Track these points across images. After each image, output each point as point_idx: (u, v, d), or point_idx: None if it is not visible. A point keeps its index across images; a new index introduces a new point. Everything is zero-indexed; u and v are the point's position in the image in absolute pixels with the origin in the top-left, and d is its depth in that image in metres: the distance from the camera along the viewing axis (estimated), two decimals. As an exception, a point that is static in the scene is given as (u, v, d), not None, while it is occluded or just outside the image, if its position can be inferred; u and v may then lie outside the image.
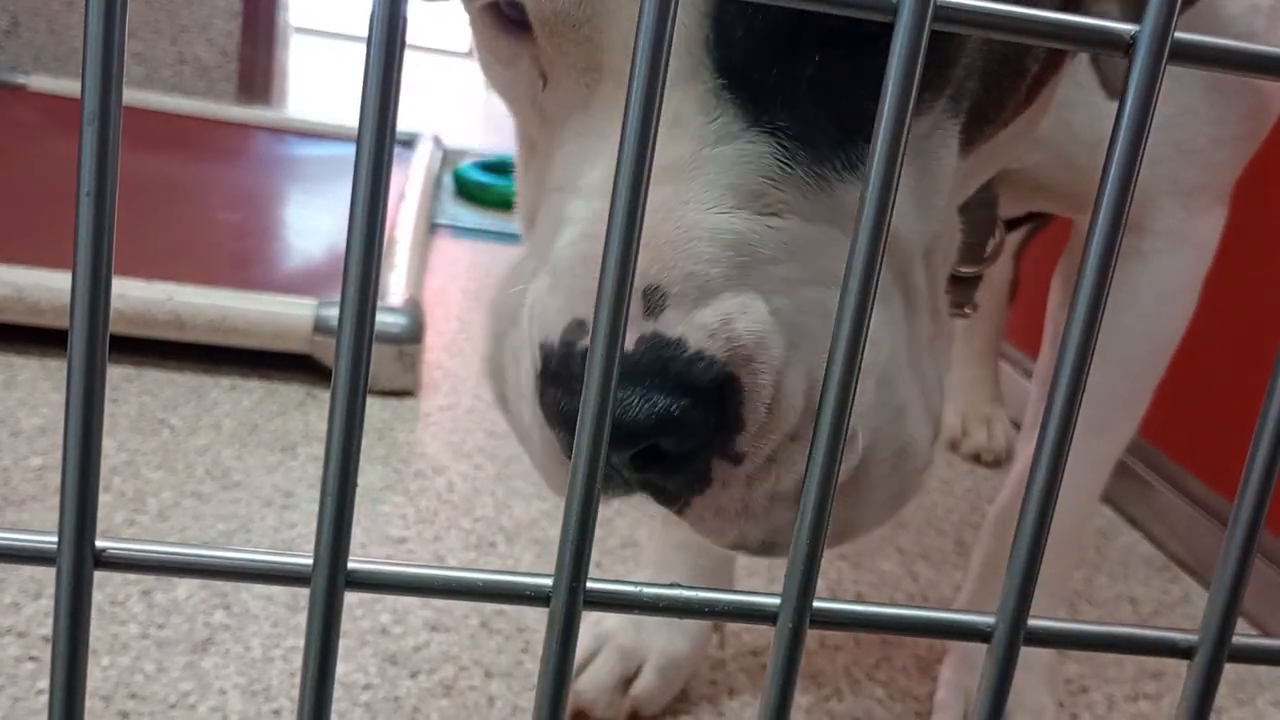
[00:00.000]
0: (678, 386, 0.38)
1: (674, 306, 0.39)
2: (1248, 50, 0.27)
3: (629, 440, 0.38)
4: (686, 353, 0.38)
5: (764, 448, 0.40)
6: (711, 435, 0.40)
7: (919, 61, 0.25)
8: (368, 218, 0.25)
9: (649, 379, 0.38)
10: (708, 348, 0.39)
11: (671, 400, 0.38)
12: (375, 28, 0.24)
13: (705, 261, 0.39)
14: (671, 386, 0.38)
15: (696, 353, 0.39)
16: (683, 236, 0.39)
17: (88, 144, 0.23)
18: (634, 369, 0.38)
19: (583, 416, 0.26)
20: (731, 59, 0.40)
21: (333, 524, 0.26)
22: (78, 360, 0.24)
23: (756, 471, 0.41)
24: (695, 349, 0.39)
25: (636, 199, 0.25)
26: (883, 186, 0.25)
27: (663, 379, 0.38)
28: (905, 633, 0.30)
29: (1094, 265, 0.27)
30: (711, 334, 0.39)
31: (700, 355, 0.39)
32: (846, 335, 0.26)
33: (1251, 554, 0.29)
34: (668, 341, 0.39)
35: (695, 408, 0.38)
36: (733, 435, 0.40)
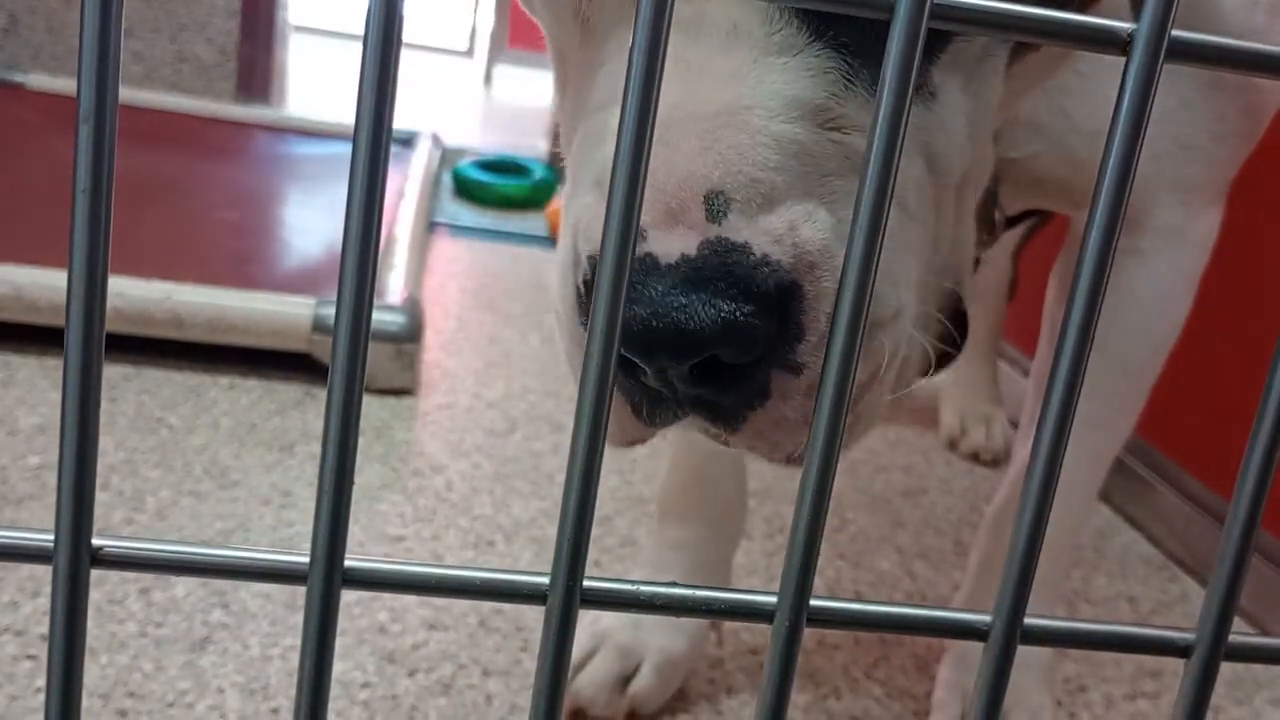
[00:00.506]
0: (743, 292, 0.37)
1: (738, 212, 0.38)
2: (1245, 48, 0.27)
3: (693, 348, 0.37)
4: (751, 258, 0.37)
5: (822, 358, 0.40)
6: (774, 346, 0.38)
7: (916, 59, 0.25)
8: (364, 216, 0.25)
9: (714, 284, 0.37)
10: (773, 253, 0.38)
11: (736, 306, 0.37)
12: (372, 26, 0.24)
13: (771, 169, 0.38)
14: (737, 292, 0.37)
15: (762, 258, 0.38)
16: (748, 142, 0.38)
17: (83, 141, 0.23)
18: (698, 274, 0.37)
19: (581, 414, 0.26)
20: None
21: (329, 522, 0.26)
22: (74, 357, 0.24)
23: (814, 383, 0.39)
24: (760, 254, 0.38)
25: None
26: (881, 183, 0.25)
27: (728, 284, 0.37)
28: (902, 631, 0.30)
29: (1091, 263, 0.27)
30: (777, 240, 0.38)
31: (766, 260, 0.38)
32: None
33: (1248, 553, 0.29)
34: (733, 246, 0.37)
35: (759, 315, 0.37)
36: (794, 344, 0.39)
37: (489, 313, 1.69)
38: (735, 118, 0.38)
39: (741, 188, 0.38)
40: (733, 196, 0.38)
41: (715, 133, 0.38)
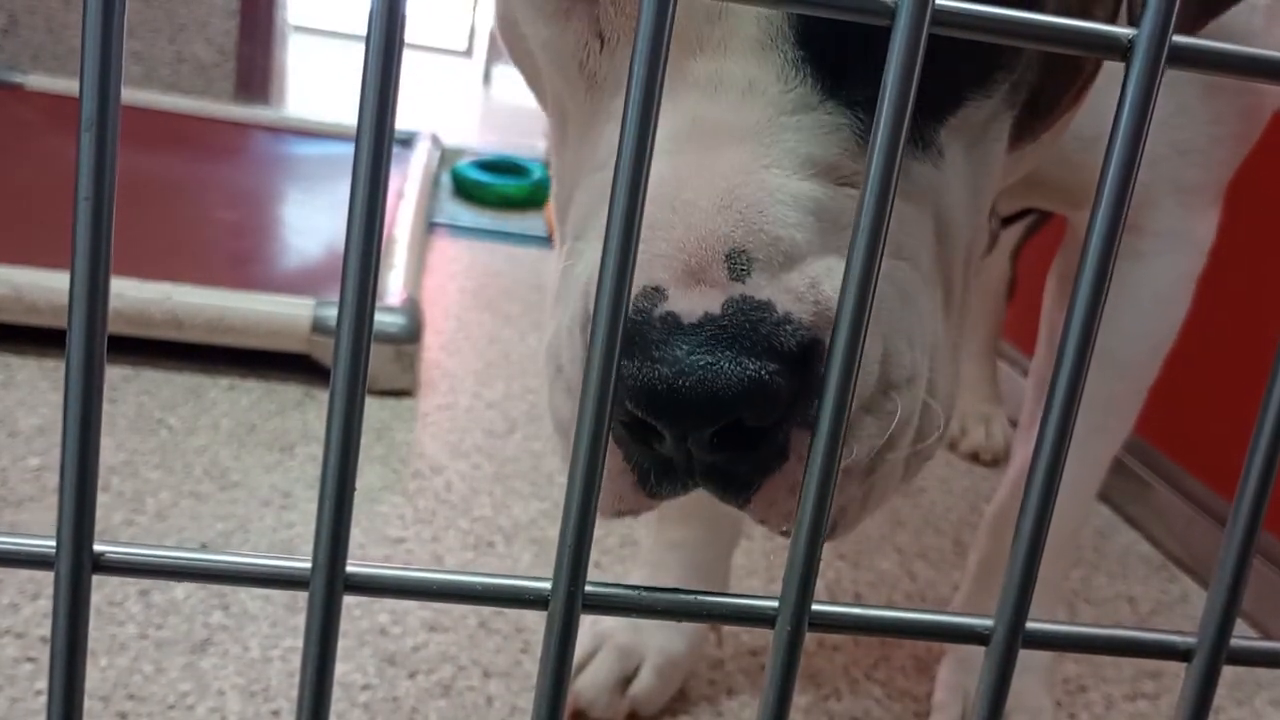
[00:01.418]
0: (768, 350, 0.37)
1: (761, 270, 0.37)
2: (1245, 54, 0.27)
3: (721, 409, 0.36)
4: (775, 315, 0.37)
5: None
6: (792, 405, 0.38)
7: (917, 65, 0.25)
8: (367, 217, 0.25)
9: (740, 342, 0.36)
10: (796, 311, 0.37)
11: (762, 364, 0.36)
12: (374, 26, 0.24)
13: (791, 226, 0.38)
14: (762, 349, 0.36)
15: (785, 315, 0.37)
16: (767, 200, 0.38)
17: (85, 149, 0.23)
18: (723, 332, 0.37)
19: (582, 418, 0.26)
20: (813, 29, 0.39)
21: (331, 528, 0.26)
22: (76, 368, 0.24)
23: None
24: (784, 312, 0.37)
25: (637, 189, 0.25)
26: (881, 191, 0.25)
27: (754, 341, 0.37)
28: (903, 635, 0.30)
29: (1092, 267, 0.27)
30: (799, 297, 0.37)
31: (789, 318, 0.37)
32: (842, 353, 0.26)
33: (1249, 557, 0.29)
34: (758, 304, 0.37)
35: (784, 373, 0.37)
36: (811, 401, 0.38)
37: (488, 313, 1.69)
38: (753, 176, 0.38)
39: (763, 246, 0.38)
40: (755, 255, 0.38)
41: (734, 191, 0.38)
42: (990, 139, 0.44)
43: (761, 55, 0.39)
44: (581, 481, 0.26)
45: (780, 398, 0.37)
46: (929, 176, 0.42)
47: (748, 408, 0.36)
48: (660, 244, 0.38)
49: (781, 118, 0.39)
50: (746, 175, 0.38)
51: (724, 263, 0.37)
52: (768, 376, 0.36)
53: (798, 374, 0.37)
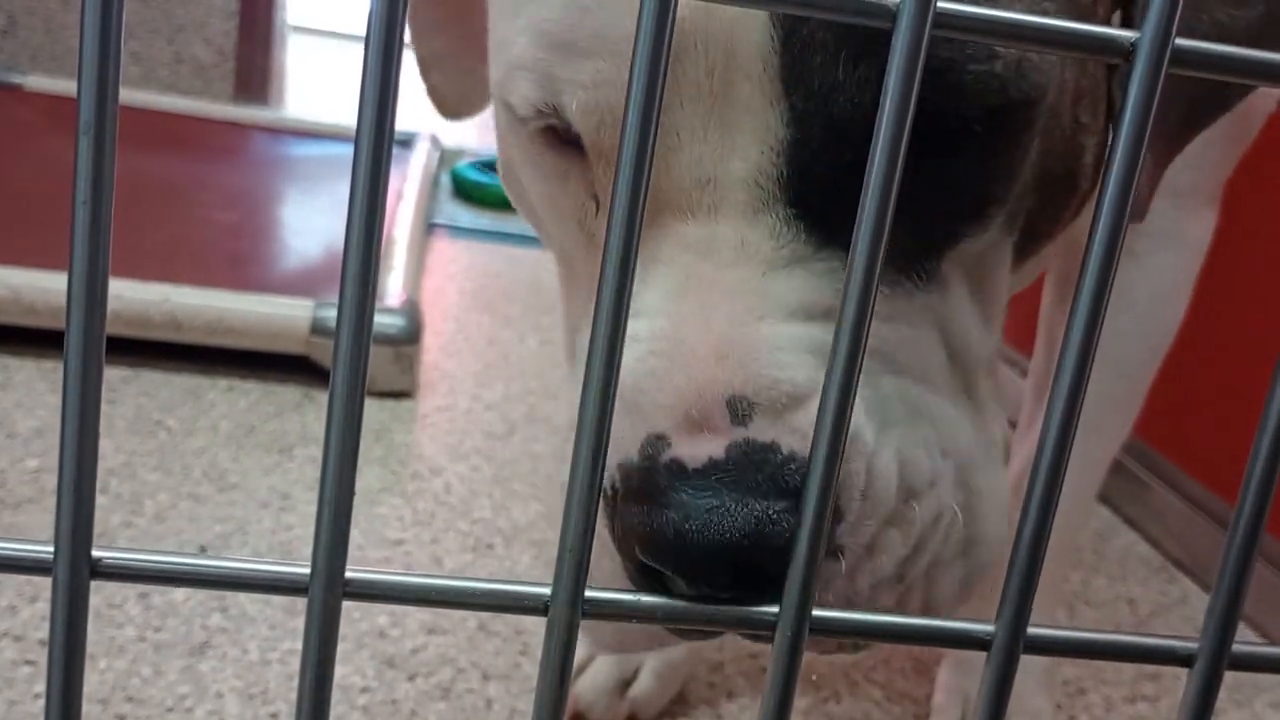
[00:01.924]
0: (776, 489, 0.37)
1: (762, 413, 0.38)
2: (1247, 56, 0.27)
3: (730, 553, 0.36)
4: (780, 455, 0.37)
5: (862, 536, 0.39)
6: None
7: (918, 69, 0.25)
8: (366, 218, 0.24)
9: (746, 484, 0.37)
10: (800, 449, 0.37)
11: (769, 504, 0.36)
12: (374, 27, 0.24)
13: (788, 368, 0.39)
14: (770, 488, 0.37)
15: (790, 454, 0.37)
16: (763, 345, 0.39)
17: (83, 153, 0.23)
18: (728, 475, 0.37)
19: (582, 421, 0.26)
20: (804, 192, 0.40)
21: (330, 533, 0.26)
22: (73, 371, 0.24)
23: (857, 562, 0.39)
24: (789, 451, 0.38)
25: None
26: (881, 200, 0.25)
27: (759, 482, 0.37)
28: (904, 641, 0.30)
29: (1094, 270, 0.27)
30: (805, 435, 0.37)
31: (794, 457, 0.37)
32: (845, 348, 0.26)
33: (1251, 562, 0.29)
34: (761, 445, 0.37)
35: (793, 511, 0.36)
36: (833, 528, 0.38)
37: (488, 314, 1.68)
38: (748, 327, 0.39)
39: (763, 390, 0.38)
40: (755, 400, 0.38)
41: (730, 340, 0.39)
42: (993, 264, 0.45)
43: (753, 218, 0.40)
44: (582, 488, 0.26)
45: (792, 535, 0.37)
46: (934, 305, 0.43)
47: (758, 549, 0.36)
48: (662, 394, 0.39)
49: (774, 272, 0.40)
50: (742, 326, 0.39)
51: (724, 409, 0.38)
52: (775, 515, 0.36)
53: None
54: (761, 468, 0.37)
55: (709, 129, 0.40)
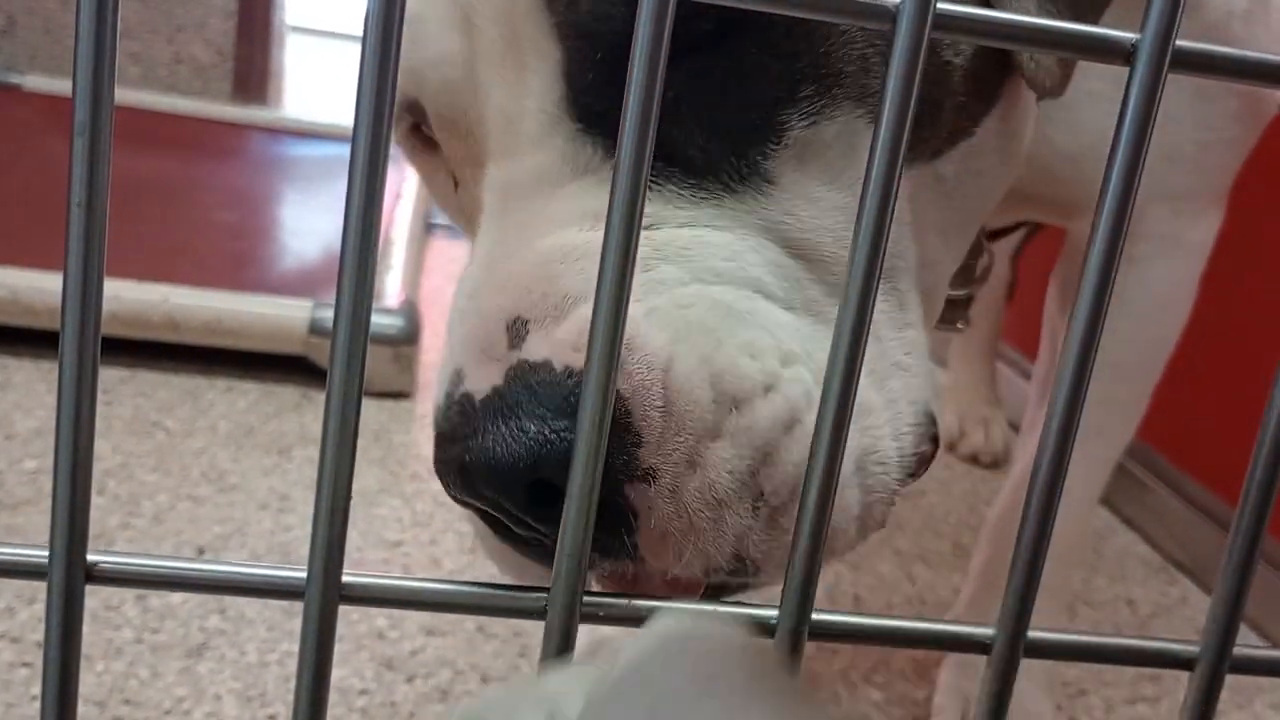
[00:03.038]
0: (552, 409, 0.35)
1: (535, 331, 0.37)
2: (1247, 58, 0.27)
3: (512, 476, 0.35)
4: (554, 373, 0.36)
5: (675, 453, 0.37)
6: (610, 460, 0.36)
7: (919, 68, 0.25)
8: (364, 218, 0.24)
9: (520, 408, 0.36)
10: (574, 362, 0.36)
11: (544, 424, 0.35)
12: (371, 27, 0.23)
13: (561, 279, 0.38)
14: (545, 410, 0.35)
15: (565, 370, 0.36)
16: (538, 262, 0.38)
17: (78, 154, 0.23)
18: (502, 402, 0.36)
19: (581, 423, 0.26)
20: (588, 107, 0.40)
21: (327, 537, 0.26)
22: (68, 372, 0.24)
23: (677, 481, 0.37)
24: (562, 367, 0.36)
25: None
26: (882, 196, 0.25)
27: (533, 405, 0.36)
28: (905, 645, 0.30)
29: (1094, 272, 0.27)
30: (576, 347, 0.36)
31: (570, 372, 0.36)
32: (847, 337, 0.26)
33: (1252, 566, 0.29)
34: (533, 366, 0.36)
35: (571, 428, 0.34)
36: (634, 451, 0.36)
37: (487, 315, 1.68)
38: (522, 248, 0.39)
39: (533, 306, 0.38)
40: (528, 317, 0.37)
41: (512, 266, 0.39)
42: (854, 156, 0.42)
43: (545, 144, 0.40)
44: (579, 494, 0.26)
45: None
46: (759, 208, 0.41)
47: (545, 469, 0.35)
48: (461, 331, 0.39)
49: (562, 189, 0.40)
50: (519, 250, 0.39)
51: (505, 334, 0.38)
52: (552, 434, 0.35)
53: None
54: (536, 389, 0.36)
55: (505, 73, 0.41)
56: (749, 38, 0.39)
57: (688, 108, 0.40)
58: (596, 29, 0.39)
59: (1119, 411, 0.78)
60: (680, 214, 0.40)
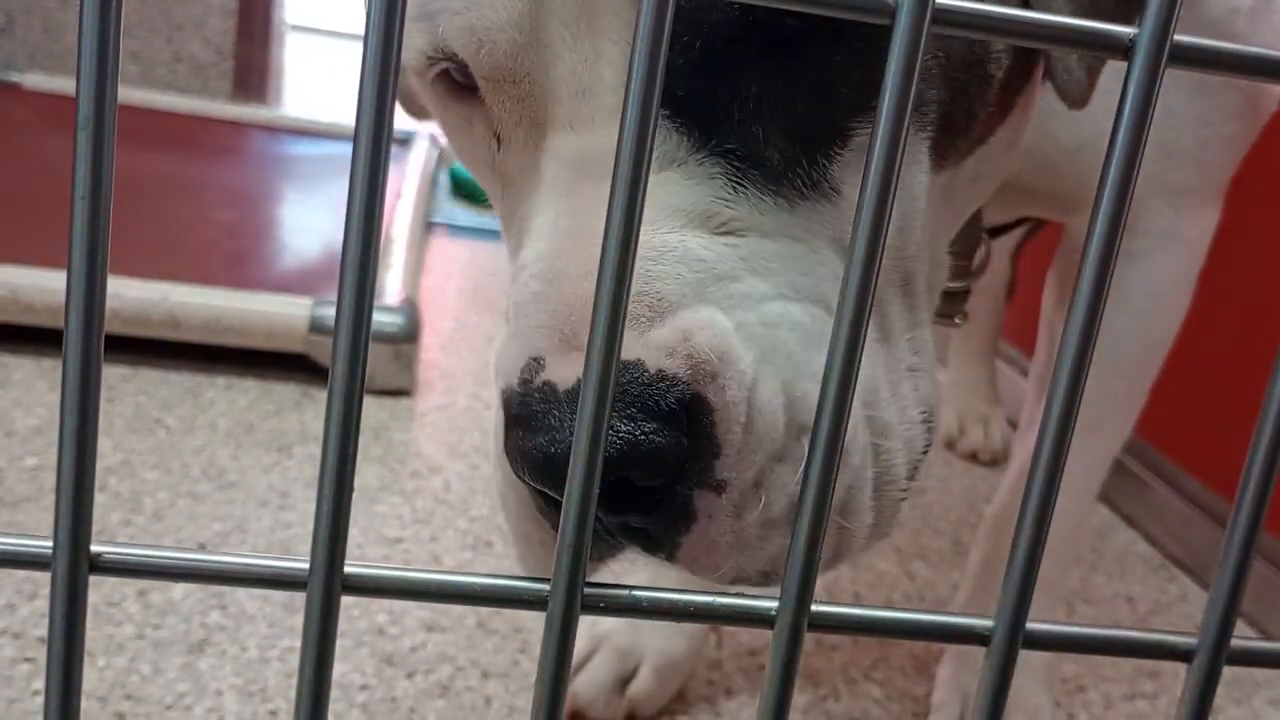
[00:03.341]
0: (641, 410, 0.36)
1: (628, 330, 0.36)
2: (1247, 53, 0.27)
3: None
4: (646, 374, 0.36)
5: (747, 472, 0.38)
6: (688, 465, 0.37)
7: (917, 65, 0.25)
8: (365, 217, 0.24)
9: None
10: (668, 367, 0.36)
11: (635, 426, 0.36)
12: (372, 26, 0.24)
13: (657, 280, 0.38)
14: (634, 411, 0.36)
15: (657, 373, 0.36)
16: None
17: (82, 148, 0.23)
18: None
19: (581, 417, 0.26)
20: (672, 88, 0.38)
21: (329, 528, 0.26)
22: (72, 367, 0.24)
23: (743, 499, 0.38)
24: (655, 369, 0.36)
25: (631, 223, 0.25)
26: (880, 193, 0.25)
27: (623, 404, 0.36)
28: (904, 636, 0.30)
29: (1093, 267, 0.27)
30: (670, 352, 0.37)
31: (662, 375, 0.36)
32: (845, 336, 0.26)
33: (1250, 558, 0.29)
34: (625, 365, 0.36)
35: (662, 433, 0.36)
36: (711, 462, 0.37)
37: (487, 313, 1.68)
38: None
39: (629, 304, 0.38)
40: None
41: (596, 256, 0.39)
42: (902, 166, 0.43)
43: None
44: (580, 482, 0.26)
45: (661, 456, 0.36)
46: (826, 216, 0.41)
47: (628, 468, 0.36)
48: (538, 316, 0.38)
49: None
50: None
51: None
52: (642, 437, 0.36)
53: (681, 431, 0.37)
54: (626, 390, 0.36)
55: (579, 38, 0.39)
56: (835, 42, 0.39)
57: (769, 107, 0.40)
58: (692, 14, 0.38)
59: (1117, 407, 0.78)
60: (765, 221, 0.40)
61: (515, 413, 0.38)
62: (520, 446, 0.37)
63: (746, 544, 0.39)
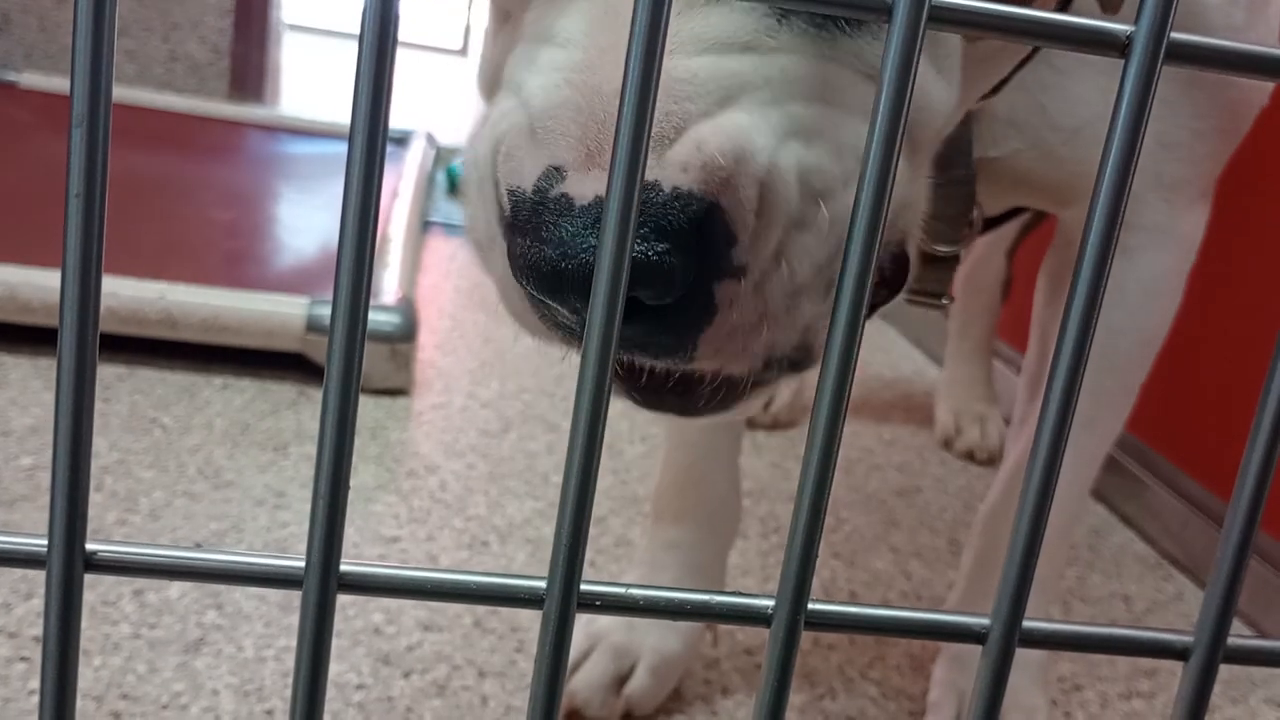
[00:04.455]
0: (655, 230, 0.36)
1: (651, 151, 0.36)
2: (1243, 50, 0.27)
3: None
4: (661, 195, 0.36)
5: (765, 249, 0.38)
6: (704, 261, 0.37)
7: (914, 60, 0.25)
8: (361, 216, 0.24)
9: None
10: (683, 183, 0.36)
11: (648, 245, 0.36)
12: (368, 25, 0.24)
13: (684, 99, 0.37)
14: (648, 231, 0.36)
15: (672, 192, 0.36)
16: (666, 79, 0.37)
17: (76, 145, 0.23)
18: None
19: (578, 418, 0.26)
20: None
21: (325, 526, 0.26)
22: (67, 366, 0.24)
23: (764, 275, 0.38)
24: (671, 189, 0.36)
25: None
26: (878, 188, 0.25)
27: (637, 227, 0.36)
28: (900, 635, 0.30)
29: (1089, 262, 0.27)
30: (684, 167, 0.37)
31: (677, 194, 0.36)
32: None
33: (1246, 556, 0.29)
34: (644, 185, 0.37)
35: (674, 252, 0.36)
36: (727, 251, 0.37)
37: (483, 312, 1.68)
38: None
39: (654, 124, 0.37)
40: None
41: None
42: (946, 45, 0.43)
43: None
44: (577, 481, 0.26)
45: (671, 277, 0.36)
46: (865, 51, 0.41)
47: (639, 288, 0.36)
48: (569, 126, 0.38)
49: (692, 7, 0.39)
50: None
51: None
52: (655, 257, 0.36)
53: (692, 246, 0.37)
54: (643, 209, 0.36)
55: None
56: None
57: None
58: None
59: (1110, 403, 0.78)
60: (808, 45, 0.39)
61: (524, 220, 0.38)
62: (527, 255, 0.37)
63: (774, 317, 0.39)
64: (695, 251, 0.37)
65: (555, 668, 0.27)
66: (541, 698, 0.27)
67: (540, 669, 0.27)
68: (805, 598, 0.28)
